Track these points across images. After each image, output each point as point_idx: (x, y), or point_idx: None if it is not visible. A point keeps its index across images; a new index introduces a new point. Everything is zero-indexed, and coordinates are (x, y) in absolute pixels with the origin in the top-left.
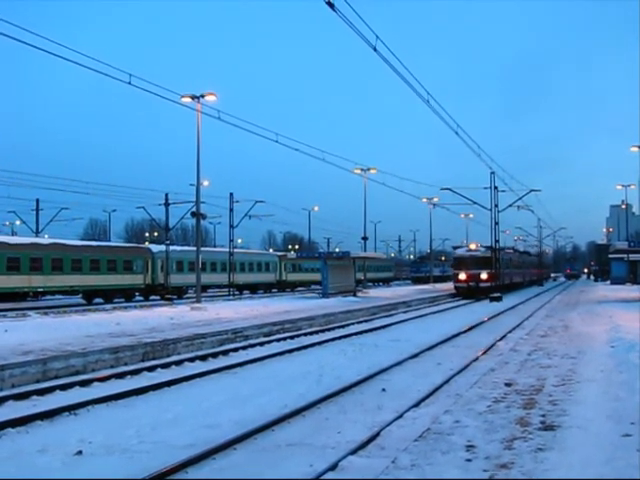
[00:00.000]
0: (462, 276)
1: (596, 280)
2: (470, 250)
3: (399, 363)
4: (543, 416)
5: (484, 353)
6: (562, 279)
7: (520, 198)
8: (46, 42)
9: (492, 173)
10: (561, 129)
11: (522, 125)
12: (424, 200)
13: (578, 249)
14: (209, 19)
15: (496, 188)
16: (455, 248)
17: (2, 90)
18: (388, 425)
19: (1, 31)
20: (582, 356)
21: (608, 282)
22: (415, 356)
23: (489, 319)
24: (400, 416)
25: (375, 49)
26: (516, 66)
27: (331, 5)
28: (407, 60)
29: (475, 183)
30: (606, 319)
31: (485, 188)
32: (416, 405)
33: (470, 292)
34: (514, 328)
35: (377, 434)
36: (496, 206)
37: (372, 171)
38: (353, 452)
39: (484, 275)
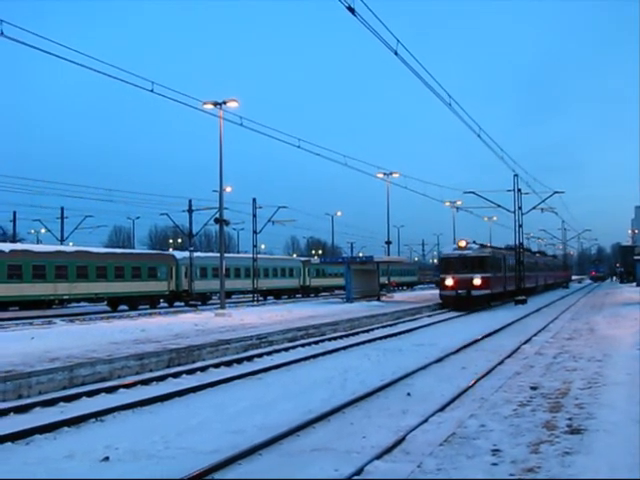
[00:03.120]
0: (449, 281)
1: (621, 282)
2: (459, 249)
3: (424, 367)
4: (569, 419)
5: (509, 356)
6: (587, 281)
7: (544, 200)
8: (69, 51)
9: (515, 175)
10: (584, 131)
11: (544, 127)
12: (447, 204)
13: (603, 251)
14: (231, 26)
15: (519, 190)
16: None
17: (27, 100)
18: (413, 429)
19: (24, 41)
20: (608, 359)
21: (634, 284)
22: (440, 360)
23: (513, 322)
24: (425, 420)
25: (396, 53)
26: (537, 68)
27: (352, 10)
28: (428, 64)
29: (498, 186)
30: (632, 322)
31: (508, 191)
32: (441, 409)
33: (459, 302)
34: (539, 331)
35: (402, 439)
36: (520, 208)
37: (395, 175)
38: (378, 457)
39: (477, 280)
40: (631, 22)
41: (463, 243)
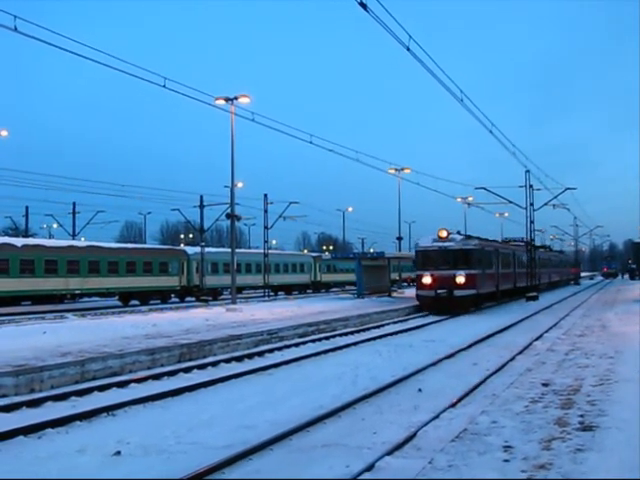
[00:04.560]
0: (426, 279)
1: (632, 278)
2: (439, 240)
3: (435, 363)
4: (581, 416)
5: (520, 353)
6: (599, 278)
7: (555, 197)
8: (82, 47)
9: (527, 171)
10: (596, 128)
11: (556, 125)
12: (458, 199)
13: (615, 247)
14: (242, 22)
15: (531, 187)
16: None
17: (39, 95)
18: (424, 425)
19: (38, 37)
20: (620, 356)
21: None
22: (450, 356)
23: (525, 318)
24: (436, 416)
25: (408, 49)
26: (549, 66)
27: (364, 5)
28: (440, 59)
29: (509, 182)
30: None
31: (520, 187)
32: (452, 405)
33: (439, 304)
34: (550, 328)
35: (413, 435)
36: (531, 205)
37: (406, 171)
38: (389, 453)
39: (460, 278)
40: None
41: (444, 233)
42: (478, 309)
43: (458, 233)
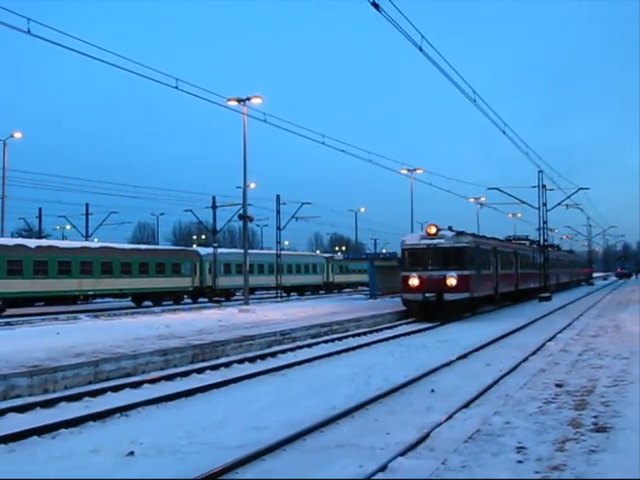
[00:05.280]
0: (413, 281)
1: None
2: (428, 236)
3: (448, 364)
4: (595, 417)
5: (534, 354)
6: (613, 278)
7: (569, 197)
8: (95, 49)
9: (540, 171)
10: (609, 126)
11: (569, 123)
12: (471, 200)
13: (629, 248)
14: (254, 23)
15: (544, 187)
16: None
17: (52, 97)
18: (438, 426)
19: (51, 38)
20: (634, 357)
21: None
22: (464, 357)
23: (538, 319)
24: (450, 417)
25: (421, 49)
26: (561, 66)
27: (376, 6)
28: (453, 59)
29: (522, 182)
30: None
31: (533, 187)
32: (465, 406)
33: (427, 309)
34: (564, 328)
35: (427, 435)
36: (544, 205)
37: (418, 171)
38: (402, 453)
39: (451, 280)
40: None
41: (433, 229)
42: (479, 312)
43: (450, 229)
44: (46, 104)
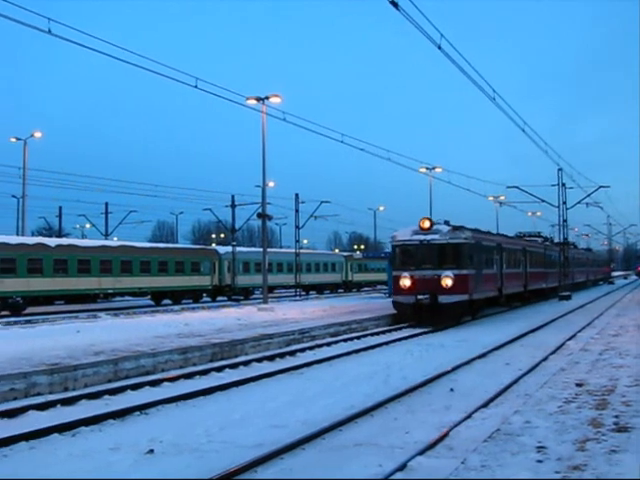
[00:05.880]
0: (405, 282)
1: None
2: (422, 231)
3: (467, 363)
4: (616, 417)
5: (553, 353)
6: (633, 277)
7: (588, 195)
8: (115, 48)
9: (560, 170)
10: (629, 124)
11: (589, 121)
12: (490, 198)
13: None
14: (273, 22)
15: (564, 185)
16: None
17: (75, 99)
18: (457, 425)
19: (71, 38)
20: None
21: None
22: (482, 356)
23: (557, 318)
24: (469, 416)
25: (440, 47)
26: (581, 62)
27: (395, 5)
28: (472, 58)
29: (541, 181)
30: None
31: (553, 185)
32: (485, 405)
33: (420, 313)
34: (584, 327)
35: (446, 434)
36: (564, 203)
37: (437, 170)
38: (422, 452)
39: (447, 280)
40: None
41: (427, 223)
42: (490, 314)
43: (446, 223)
44: (67, 103)
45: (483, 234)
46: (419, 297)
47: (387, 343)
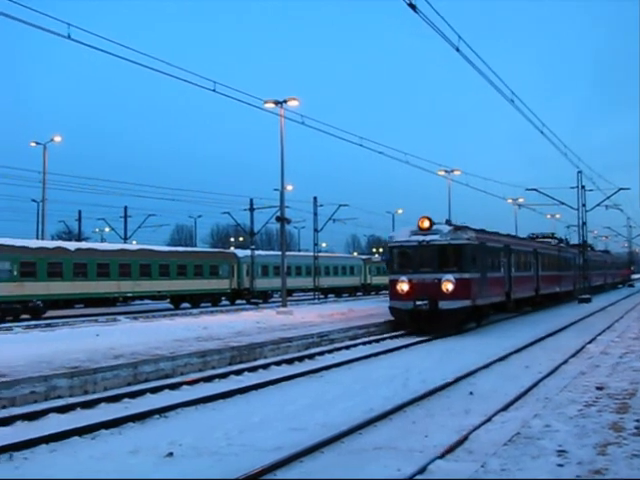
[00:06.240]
0: (402, 286)
1: None
2: (420, 231)
3: (486, 366)
4: (637, 421)
5: (573, 356)
6: None
7: (608, 197)
8: (133, 53)
9: (579, 172)
10: None
11: (609, 122)
12: (509, 201)
13: None
14: (290, 25)
15: (583, 187)
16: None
17: (95, 103)
18: (476, 429)
19: (90, 44)
20: None
21: None
22: (502, 359)
23: (577, 321)
24: (488, 420)
25: (458, 49)
26: (600, 63)
27: (413, 7)
28: (490, 60)
29: (560, 183)
30: None
31: (572, 188)
32: (504, 409)
33: (419, 320)
34: (604, 330)
35: (465, 438)
36: (583, 205)
37: (456, 173)
38: (441, 456)
39: (448, 284)
40: None
41: (426, 223)
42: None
43: (447, 223)
44: (86, 107)
45: (489, 234)
46: (417, 303)
47: (406, 346)
